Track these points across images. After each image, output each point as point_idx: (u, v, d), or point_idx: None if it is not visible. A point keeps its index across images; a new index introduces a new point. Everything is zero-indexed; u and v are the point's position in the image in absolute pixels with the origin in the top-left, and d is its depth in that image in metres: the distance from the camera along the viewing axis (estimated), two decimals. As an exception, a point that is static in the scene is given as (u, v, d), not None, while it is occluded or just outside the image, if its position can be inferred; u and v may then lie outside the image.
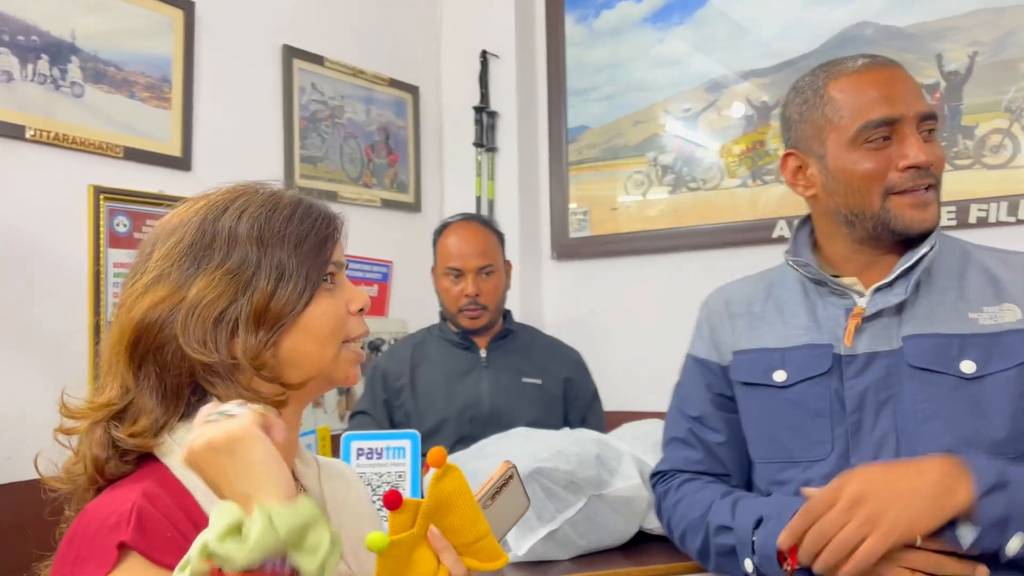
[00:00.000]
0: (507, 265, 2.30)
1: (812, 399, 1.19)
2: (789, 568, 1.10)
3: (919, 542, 1.03)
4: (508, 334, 2.26)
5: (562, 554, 1.50)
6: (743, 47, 2.57)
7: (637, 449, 1.66)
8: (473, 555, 0.84)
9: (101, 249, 1.97)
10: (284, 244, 0.88)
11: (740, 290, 1.36)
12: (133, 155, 2.07)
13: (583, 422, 2.20)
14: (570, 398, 2.25)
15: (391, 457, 1.48)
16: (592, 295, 2.82)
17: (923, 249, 1.18)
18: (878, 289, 1.19)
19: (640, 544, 1.55)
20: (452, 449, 1.97)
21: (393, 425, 2.17)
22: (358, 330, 0.94)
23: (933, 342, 1.14)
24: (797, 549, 1.09)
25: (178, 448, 0.83)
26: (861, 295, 1.21)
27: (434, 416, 2.13)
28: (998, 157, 2.15)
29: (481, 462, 1.64)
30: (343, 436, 1.48)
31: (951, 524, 1.03)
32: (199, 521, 0.80)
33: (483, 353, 2.21)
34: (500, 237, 2.29)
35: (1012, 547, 1.01)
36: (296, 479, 0.97)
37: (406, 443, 1.48)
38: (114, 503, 0.80)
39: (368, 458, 1.47)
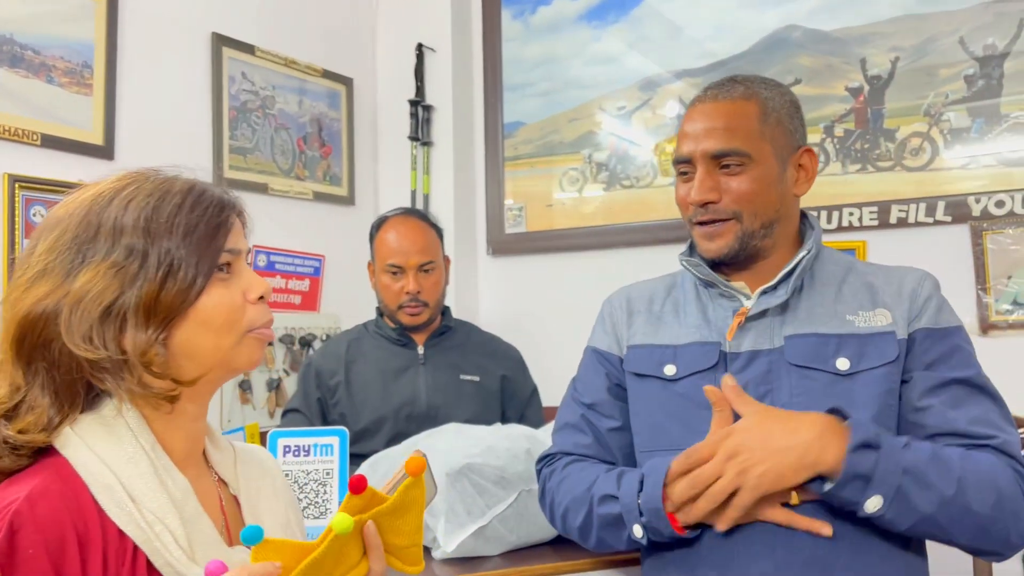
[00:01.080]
0: (446, 260, 2.28)
1: (698, 392, 1.24)
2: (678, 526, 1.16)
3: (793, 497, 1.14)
4: (446, 331, 2.24)
5: (492, 550, 1.50)
6: (677, 47, 2.60)
7: (568, 444, 1.67)
8: (401, 558, 0.87)
9: (16, 241, 1.89)
10: (173, 234, 0.86)
11: (642, 289, 1.45)
12: (51, 143, 2.00)
13: (521, 419, 2.20)
14: (508, 395, 2.24)
15: (319, 454, 1.46)
16: (528, 291, 2.83)
17: (801, 253, 1.29)
18: (764, 292, 1.29)
19: (568, 539, 1.56)
20: (387, 446, 1.96)
21: (327, 423, 2.13)
22: (261, 319, 0.92)
23: (812, 341, 1.24)
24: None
25: (78, 440, 0.83)
26: (748, 297, 1.30)
27: (370, 414, 2.10)
28: (917, 160, 2.23)
29: (411, 458, 1.63)
30: (270, 433, 1.45)
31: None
32: (89, 516, 0.80)
33: (421, 350, 2.18)
34: (440, 232, 2.26)
35: (870, 505, 1.09)
36: (210, 466, 0.97)
37: (334, 440, 1.46)
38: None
39: (295, 455, 1.45)
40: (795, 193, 1.33)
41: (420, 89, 2.88)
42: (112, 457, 0.83)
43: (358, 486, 0.80)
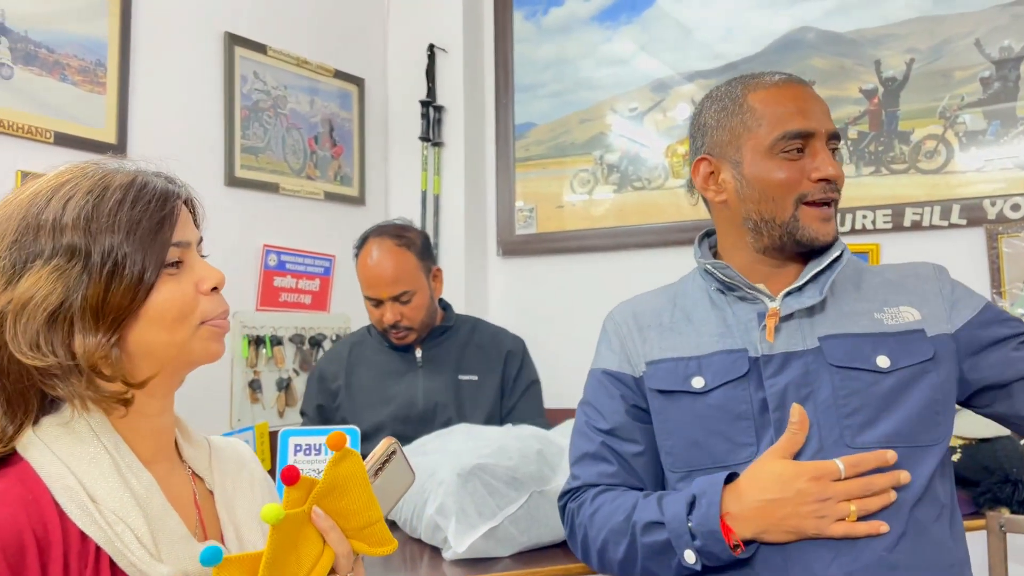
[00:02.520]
0: (435, 273, 2.20)
1: (733, 402, 1.20)
2: (737, 544, 1.11)
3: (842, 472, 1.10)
4: (446, 331, 2.21)
5: (503, 551, 1.50)
6: (688, 48, 2.59)
7: (579, 446, 1.66)
8: (363, 539, 0.83)
9: (29, 237, 1.89)
10: (115, 231, 0.82)
11: (646, 302, 1.37)
12: (64, 140, 2.00)
13: (512, 411, 2.16)
14: (506, 388, 2.21)
15: (330, 453, 1.45)
16: (537, 292, 2.82)
17: (834, 254, 1.24)
18: (788, 293, 1.24)
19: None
20: None
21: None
22: (215, 310, 0.90)
23: (850, 342, 1.20)
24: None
25: (39, 443, 0.82)
26: (771, 299, 1.24)
27: (370, 418, 2.10)
28: (932, 162, 2.21)
29: (422, 458, 1.63)
30: (280, 432, 1.45)
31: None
32: (49, 519, 0.79)
33: (419, 353, 2.16)
34: (420, 249, 2.14)
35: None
36: (183, 461, 0.96)
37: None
38: None
39: (306, 454, 1.45)
40: None
41: (431, 90, 2.88)
42: (73, 459, 0.82)
43: (290, 477, 0.77)
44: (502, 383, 2.20)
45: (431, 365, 2.15)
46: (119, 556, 0.80)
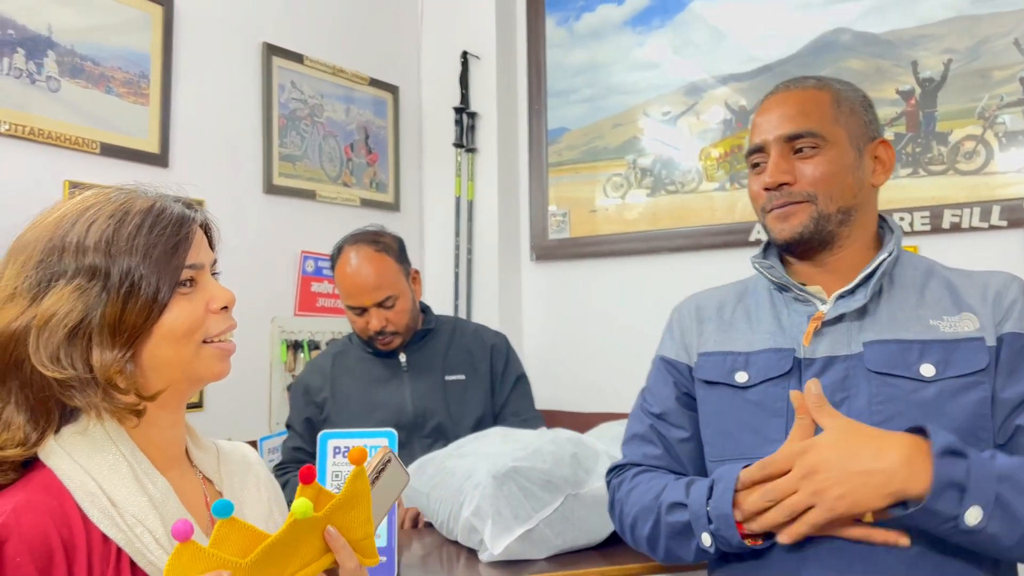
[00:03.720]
0: (413, 275, 2.17)
1: (771, 399, 1.21)
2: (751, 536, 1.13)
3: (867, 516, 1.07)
4: (427, 333, 2.18)
5: (538, 553, 1.51)
6: (722, 52, 2.59)
7: (613, 449, 1.66)
8: (359, 551, 0.89)
9: (76, 245, 1.95)
10: (132, 254, 0.88)
11: (712, 296, 1.40)
12: (110, 151, 2.06)
13: (504, 407, 2.16)
14: (495, 384, 2.19)
15: (369, 455, 1.47)
16: (571, 297, 2.83)
17: (881, 256, 1.23)
18: (841, 296, 1.24)
19: (616, 543, 1.55)
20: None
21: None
22: (218, 327, 0.94)
23: (894, 347, 1.18)
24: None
25: (61, 451, 0.87)
26: (824, 302, 1.25)
27: (360, 427, 2.07)
28: (971, 163, 2.19)
29: (459, 461, 1.64)
30: (320, 435, 1.47)
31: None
32: (74, 524, 0.83)
33: (403, 357, 2.14)
34: (397, 253, 2.12)
35: (971, 517, 1.01)
36: (194, 466, 1.01)
37: (383, 441, 1.47)
38: None
39: (344, 456, 1.47)
40: (872, 183, 1.28)
41: (465, 96, 2.90)
42: (93, 466, 0.87)
43: (308, 476, 0.81)
44: (491, 379, 2.18)
45: (416, 369, 2.13)
46: (139, 556, 0.85)
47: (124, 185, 0.97)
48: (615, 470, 1.38)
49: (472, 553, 1.55)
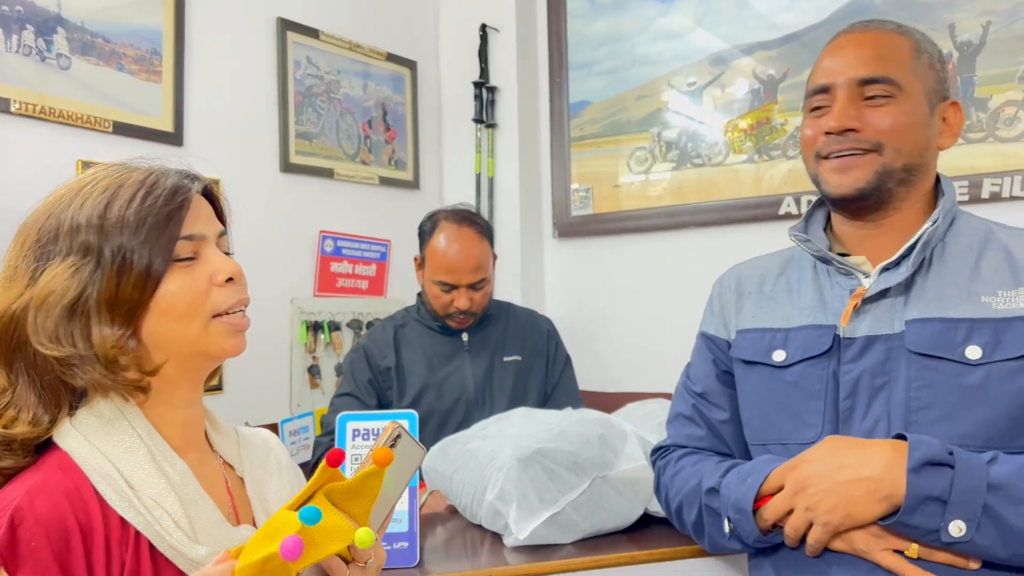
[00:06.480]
0: (494, 259, 2.22)
1: (809, 380, 1.15)
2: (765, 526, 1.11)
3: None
4: (487, 316, 2.21)
5: (565, 537, 1.46)
6: (747, 20, 2.50)
7: (641, 429, 1.62)
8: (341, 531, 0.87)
9: (91, 226, 1.92)
10: (124, 228, 0.86)
11: (754, 268, 1.33)
12: (123, 129, 2.02)
13: (556, 387, 2.22)
14: (549, 367, 2.25)
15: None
16: (594, 274, 2.78)
17: (926, 225, 1.14)
18: (885, 268, 1.15)
19: (645, 527, 1.51)
20: (440, 433, 1.94)
21: (382, 406, 2.12)
22: (227, 302, 0.91)
23: (938, 326, 1.09)
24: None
25: (76, 433, 0.86)
26: (867, 275, 1.16)
27: (421, 400, 2.09)
28: (1012, 130, 2.10)
29: (482, 442, 1.60)
30: (338, 417, 1.44)
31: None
32: (90, 506, 0.82)
33: (465, 337, 2.18)
34: (491, 235, 2.20)
35: (954, 530, 0.97)
36: (214, 451, 0.99)
37: (403, 424, 1.43)
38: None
39: (364, 439, 1.43)
40: (939, 145, 1.20)
41: (484, 70, 2.84)
42: (110, 448, 0.86)
43: (337, 459, 0.79)
44: (547, 362, 2.24)
45: (477, 348, 2.18)
46: (158, 539, 0.84)
47: (129, 160, 0.95)
48: (659, 451, 1.34)
49: (497, 537, 1.51)
